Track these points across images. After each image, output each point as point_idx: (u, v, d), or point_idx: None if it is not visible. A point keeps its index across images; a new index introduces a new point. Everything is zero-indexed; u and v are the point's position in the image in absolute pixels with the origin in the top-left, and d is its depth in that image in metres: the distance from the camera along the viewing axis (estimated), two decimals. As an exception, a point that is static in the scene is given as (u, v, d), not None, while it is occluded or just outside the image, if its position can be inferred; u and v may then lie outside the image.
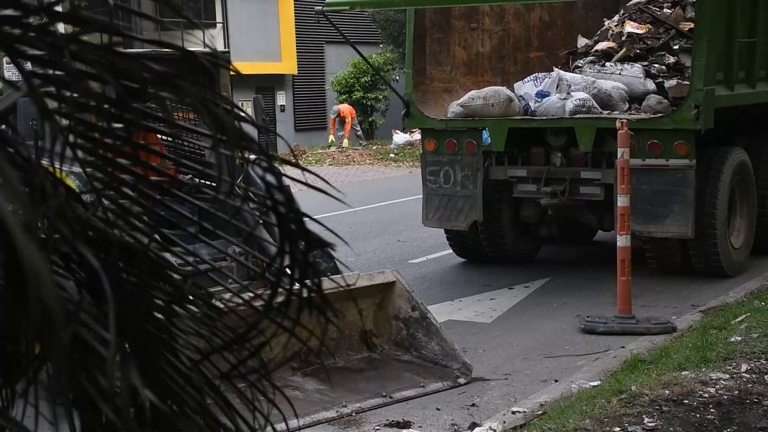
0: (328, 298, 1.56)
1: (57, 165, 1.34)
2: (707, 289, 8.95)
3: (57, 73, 1.39)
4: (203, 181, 2.06)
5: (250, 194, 1.54)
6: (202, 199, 1.89)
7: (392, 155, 24.55)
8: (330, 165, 23.15)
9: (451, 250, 10.82)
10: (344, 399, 5.93)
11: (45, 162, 1.35)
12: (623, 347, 7.03)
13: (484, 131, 9.99)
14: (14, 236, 1.01)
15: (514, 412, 5.61)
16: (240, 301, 1.67)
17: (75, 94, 1.38)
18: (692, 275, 9.38)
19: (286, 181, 1.50)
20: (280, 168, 1.50)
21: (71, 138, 1.38)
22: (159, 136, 3.74)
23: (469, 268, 10.45)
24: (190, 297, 1.56)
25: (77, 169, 1.42)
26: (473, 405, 6.04)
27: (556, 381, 6.40)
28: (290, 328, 1.56)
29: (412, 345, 6.61)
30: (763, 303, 7.83)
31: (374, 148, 25.95)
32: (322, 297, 1.47)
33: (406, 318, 6.64)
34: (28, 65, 1.37)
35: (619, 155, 7.83)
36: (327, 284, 1.52)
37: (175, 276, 1.54)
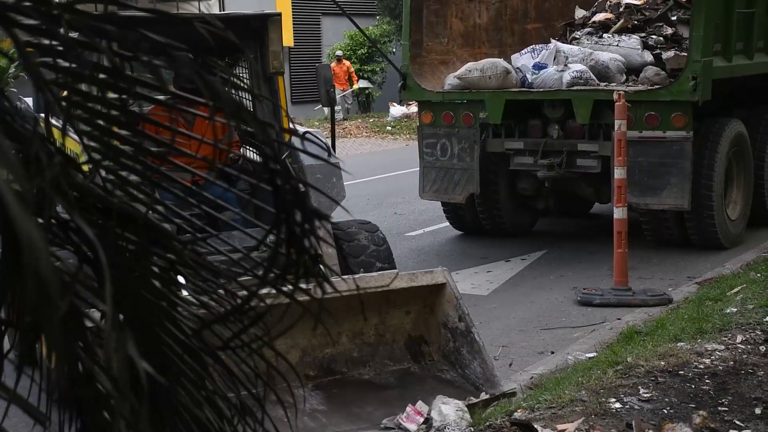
0: (323, 265, 1.56)
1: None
2: (703, 261, 8.97)
3: (53, 43, 1.38)
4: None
5: (248, 165, 1.53)
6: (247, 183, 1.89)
7: (389, 128, 24.49)
8: (327, 137, 23.06)
9: (447, 223, 10.83)
10: (333, 429, 4.93)
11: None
12: (619, 319, 7.06)
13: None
14: (10, 207, 1.00)
15: (510, 384, 5.64)
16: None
17: (72, 65, 1.38)
18: (688, 247, 9.41)
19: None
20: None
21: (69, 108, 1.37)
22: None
23: (466, 241, 10.46)
24: (191, 263, 1.56)
25: None
26: (470, 376, 6.08)
27: (553, 353, 6.43)
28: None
29: (458, 361, 5.54)
30: (758, 274, 7.85)
31: (371, 120, 25.87)
32: (318, 268, 1.46)
33: (453, 328, 5.56)
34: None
35: (616, 127, 7.82)
36: (370, 282, 1.51)
37: (175, 243, 1.54)
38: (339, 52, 25.76)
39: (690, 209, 9.03)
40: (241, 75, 6.58)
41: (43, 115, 1.51)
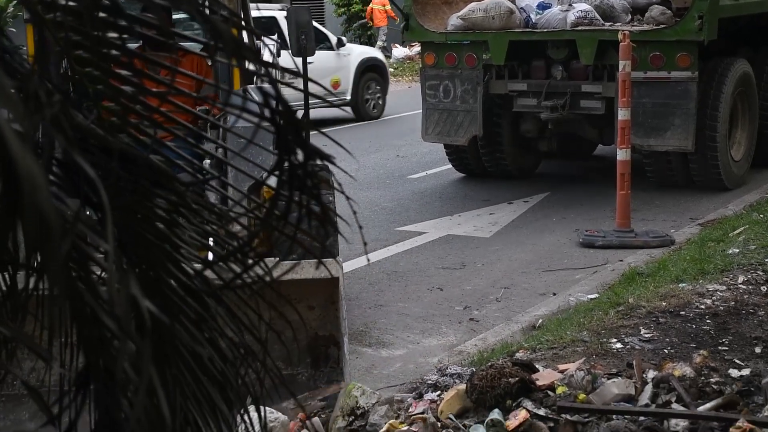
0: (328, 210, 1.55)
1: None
2: (706, 202, 8.97)
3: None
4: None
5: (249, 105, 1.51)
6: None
7: (391, 69, 24.29)
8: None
9: (450, 165, 10.81)
10: None
11: None
12: (621, 260, 7.08)
13: None
14: (9, 144, 1.00)
15: (512, 325, 5.68)
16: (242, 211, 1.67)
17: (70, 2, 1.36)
18: (691, 188, 9.40)
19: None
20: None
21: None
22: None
23: (469, 183, 10.45)
24: (193, 205, 1.56)
25: None
26: (471, 319, 6.12)
27: (554, 294, 6.46)
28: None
29: (343, 370, 4.68)
30: (761, 215, 7.86)
31: (373, 62, 25.68)
32: (322, 207, 1.46)
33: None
34: None
35: (620, 68, 7.76)
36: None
37: (177, 185, 1.54)
38: None
39: (694, 150, 8.99)
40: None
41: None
